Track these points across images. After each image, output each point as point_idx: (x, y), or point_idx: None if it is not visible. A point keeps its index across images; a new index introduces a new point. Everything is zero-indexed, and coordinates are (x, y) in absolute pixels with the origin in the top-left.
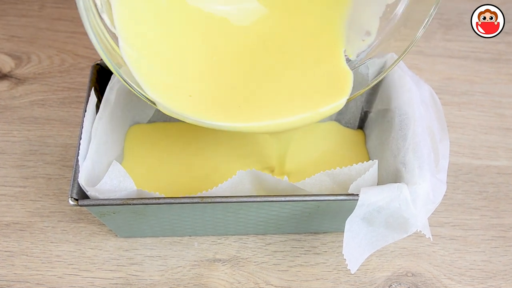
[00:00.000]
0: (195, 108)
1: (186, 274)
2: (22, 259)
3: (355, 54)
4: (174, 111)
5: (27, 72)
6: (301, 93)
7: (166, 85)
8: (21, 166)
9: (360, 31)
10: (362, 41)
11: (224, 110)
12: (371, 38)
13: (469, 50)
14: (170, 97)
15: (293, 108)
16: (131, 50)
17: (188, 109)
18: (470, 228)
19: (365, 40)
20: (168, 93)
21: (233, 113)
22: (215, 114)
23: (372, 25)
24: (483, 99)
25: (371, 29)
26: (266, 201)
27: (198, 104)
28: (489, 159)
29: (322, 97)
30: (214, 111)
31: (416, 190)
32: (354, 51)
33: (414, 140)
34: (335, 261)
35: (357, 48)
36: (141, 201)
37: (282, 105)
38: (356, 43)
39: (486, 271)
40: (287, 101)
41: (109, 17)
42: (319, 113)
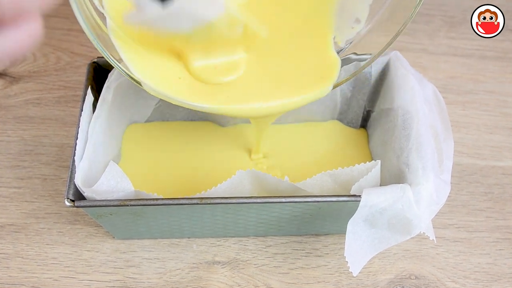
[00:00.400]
0: (182, 90)
1: (184, 277)
2: (17, 262)
3: (344, 41)
4: (161, 92)
5: (22, 71)
6: (288, 78)
7: (153, 66)
8: (16, 167)
9: (349, 18)
10: (352, 28)
11: (210, 93)
12: (360, 26)
13: (473, 48)
14: (157, 78)
15: (278, 92)
16: (119, 30)
17: (175, 91)
18: (474, 230)
19: (355, 27)
20: (154, 74)
21: (218, 96)
22: (201, 96)
23: (362, 13)
24: (487, 98)
25: (361, 16)
26: (267, 202)
27: (185, 86)
28: (494, 159)
29: (308, 83)
30: (200, 93)
31: (419, 191)
32: (343, 38)
33: (418, 140)
34: (337, 264)
35: (346, 35)
36: (138, 202)
37: (268, 89)
38: (345, 30)
39: (491, 274)
40: (273, 85)
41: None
42: (304, 98)
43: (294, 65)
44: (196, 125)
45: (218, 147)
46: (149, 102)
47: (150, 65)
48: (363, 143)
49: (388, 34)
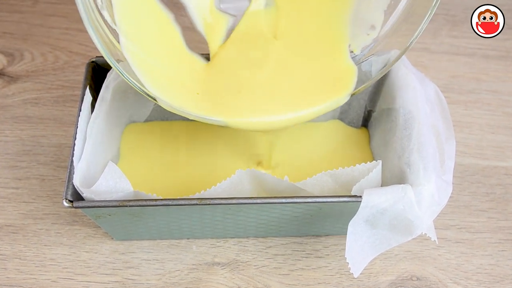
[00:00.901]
0: (198, 105)
1: (184, 278)
2: (15, 263)
3: (360, 48)
4: (178, 108)
5: (20, 70)
6: (305, 89)
7: (168, 81)
8: (13, 167)
9: (364, 25)
10: (367, 35)
11: (228, 107)
12: (375, 32)
13: (476, 47)
14: (172, 94)
15: (296, 104)
16: (132, 46)
17: (193, 106)
18: (476, 231)
19: (370, 34)
20: (170, 89)
21: (237, 110)
22: (221, 111)
23: (376, 19)
24: (490, 98)
25: (376, 23)
26: (267, 202)
27: (201, 101)
28: (497, 159)
29: (325, 92)
30: (219, 108)
31: (421, 191)
32: (359, 46)
33: (419, 140)
34: (338, 265)
35: (361, 42)
36: (138, 202)
37: (285, 101)
38: (360, 38)
39: (493, 275)
40: (290, 97)
41: (110, 14)
42: (322, 108)
43: (310, 75)
44: (195, 124)
45: (218, 146)
46: (148, 101)
47: (165, 80)
48: (364, 143)
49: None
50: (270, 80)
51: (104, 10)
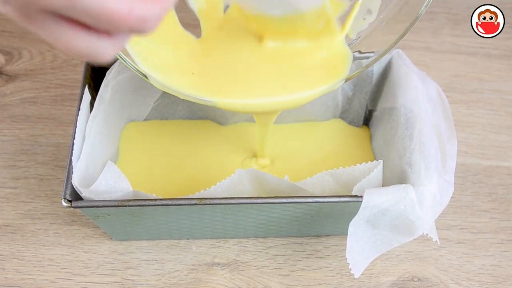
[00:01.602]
0: (190, 84)
1: (183, 279)
2: (13, 263)
3: (356, 33)
4: (168, 86)
5: (18, 69)
6: (298, 72)
7: (160, 59)
8: (12, 167)
9: (361, 9)
10: (363, 19)
11: (221, 88)
12: (372, 17)
13: (478, 46)
14: (164, 72)
15: (291, 87)
16: None
17: (182, 84)
18: (478, 231)
19: (366, 18)
20: (161, 68)
21: (230, 91)
22: (212, 91)
23: (373, 3)
24: (492, 97)
25: (373, 7)
26: (267, 202)
27: (193, 81)
28: (499, 159)
29: (319, 77)
30: (211, 88)
31: (422, 191)
32: (355, 30)
33: (421, 140)
34: (339, 265)
35: (358, 27)
36: (137, 202)
37: (280, 83)
38: (357, 22)
39: (496, 276)
40: (285, 79)
41: None
42: (314, 93)
43: (305, 59)
44: (195, 123)
45: (217, 146)
46: (148, 101)
47: (157, 58)
48: (365, 142)
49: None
50: (263, 64)
51: None
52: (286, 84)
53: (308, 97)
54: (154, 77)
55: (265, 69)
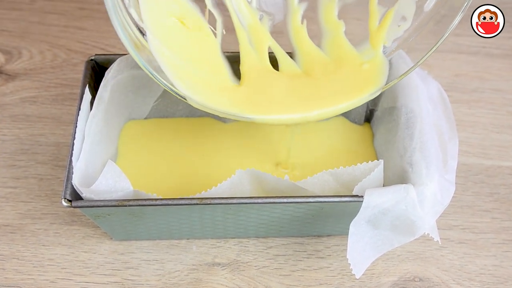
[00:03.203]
0: (231, 103)
1: (184, 279)
2: (13, 263)
3: (391, 40)
4: (210, 106)
5: (18, 68)
6: (337, 82)
7: (198, 80)
8: (11, 166)
9: (396, 17)
10: (398, 26)
11: (262, 105)
12: (407, 24)
13: (479, 46)
14: (204, 92)
15: (326, 100)
16: (160, 44)
17: (224, 103)
18: (480, 231)
19: (401, 25)
20: (199, 87)
21: (273, 106)
22: (253, 108)
23: (408, 10)
24: (494, 97)
25: (407, 14)
26: (268, 202)
27: (233, 99)
28: (501, 159)
29: (357, 87)
30: (252, 105)
31: (423, 191)
32: (390, 37)
33: (421, 139)
34: (339, 266)
35: (393, 34)
36: (137, 202)
37: (317, 97)
38: (392, 29)
39: (497, 276)
40: (323, 93)
41: (137, 12)
42: (355, 102)
43: (344, 70)
44: (196, 121)
45: (219, 144)
46: (148, 100)
47: (194, 79)
48: (368, 140)
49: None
50: (301, 79)
51: (131, 8)
52: (325, 97)
53: (346, 107)
54: (193, 99)
55: (304, 83)
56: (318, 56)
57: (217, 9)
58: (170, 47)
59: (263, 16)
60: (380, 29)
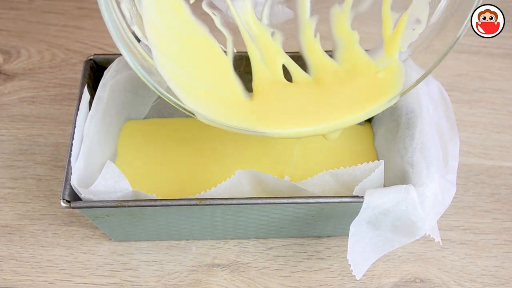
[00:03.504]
0: (243, 118)
1: (183, 280)
2: (11, 264)
3: (406, 44)
4: (218, 121)
5: (17, 68)
6: (354, 90)
7: (205, 95)
8: (10, 167)
9: (409, 21)
10: (413, 30)
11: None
12: (421, 26)
13: (480, 45)
14: (212, 107)
15: (342, 111)
16: (166, 61)
17: (236, 119)
18: (481, 232)
19: (416, 29)
20: (208, 103)
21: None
22: (265, 122)
23: (422, 12)
24: (495, 97)
25: (421, 16)
26: (268, 203)
27: (245, 114)
28: (502, 159)
29: (374, 95)
30: (264, 119)
31: (424, 191)
32: (406, 42)
33: (422, 140)
34: (340, 267)
35: (408, 38)
36: (136, 203)
37: (332, 108)
38: (407, 33)
39: (498, 277)
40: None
41: (141, 29)
42: (372, 110)
43: (359, 78)
44: (195, 121)
45: (219, 144)
46: (147, 100)
47: (201, 94)
48: (368, 139)
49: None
50: (315, 89)
51: (134, 25)
52: (341, 107)
53: (364, 116)
54: (202, 114)
55: (318, 95)
56: (332, 67)
57: (226, 28)
58: (177, 63)
59: (274, 33)
60: (395, 35)
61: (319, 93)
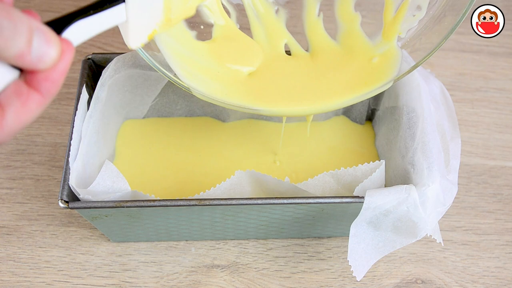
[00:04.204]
0: (240, 93)
1: (182, 281)
2: (9, 265)
3: (406, 31)
4: (214, 97)
5: None
6: (347, 75)
7: (206, 72)
8: (7, 167)
9: (411, 6)
10: (413, 16)
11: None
12: (421, 13)
13: (482, 44)
14: (207, 83)
15: (335, 92)
16: (167, 36)
17: (232, 95)
18: (483, 233)
19: (416, 15)
20: (204, 80)
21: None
22: (260, 100)
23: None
24: (497, 96)
25: (422, 3)
26: (268, 203)
27: (242, 91)
28: (504, 159)
29: (368, 79)
30: (259, 97)
31: (425, 192)
32: (405, 28)
33: (423, 139)
34: (340, 268)
35: (408, 24)
36: (135, 203)
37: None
38: (406, 19)
39: (501, 278)
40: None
41: None
42: (364, 94)
43: (356, 61)
44: (194, 120)
45: (218, 143)
46: (146, 100)
47: (198, 69)
48: (369, 139)
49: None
50: (311, 69)
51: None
52: (334, 88)
53: (355, 99)
54: (198, 90)
55: (314, 75)
56: (331, 48)
57: (231, 4)
58: (176, 37)
59: (279, 10)
60: (395, 19)
61: (315, 74)
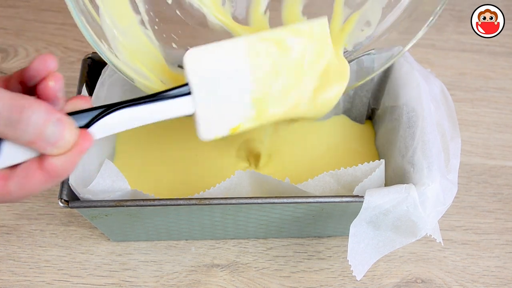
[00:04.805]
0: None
1: (182, 280)
2: (8, 264)
3: (352, 44)
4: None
5: (14, 66)
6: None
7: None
8: None
9: (360, 21)
10: (361, 31)
11: None
12: (370, 29)
13: (483, 44)
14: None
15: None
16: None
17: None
18: (483, 232)
19: (364, 30)
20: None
21: None
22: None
23: (373, 16)
24: (498, 96)
25: (372, 19)
26: (268, 203)
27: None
28: (504, 159)
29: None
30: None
31: (425, 191)
32: (352, 41)
33: (423, 139)
34: (340, 267)
35: (355, 38)
36: (135, 202)
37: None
38: (354, 33)
39: (501, 277)
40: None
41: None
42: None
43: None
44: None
45: (218, 143)
46: None
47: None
48: (369, 138)
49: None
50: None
51: None
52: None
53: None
54: (140, 82)
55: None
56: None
57: None
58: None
59: (226, 2)
60: (342, 32)
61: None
